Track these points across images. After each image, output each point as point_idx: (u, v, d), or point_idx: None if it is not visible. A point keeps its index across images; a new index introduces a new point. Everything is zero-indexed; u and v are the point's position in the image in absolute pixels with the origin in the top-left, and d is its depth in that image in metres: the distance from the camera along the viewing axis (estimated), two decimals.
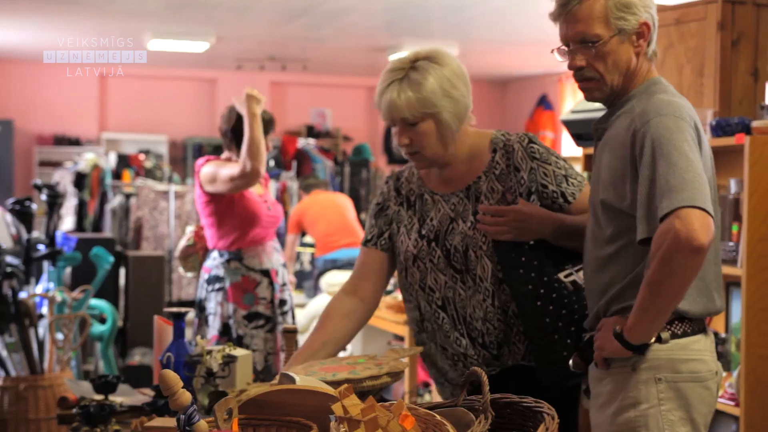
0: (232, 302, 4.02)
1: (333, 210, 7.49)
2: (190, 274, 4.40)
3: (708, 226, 1.89)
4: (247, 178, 3.87)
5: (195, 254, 4.27)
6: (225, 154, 4.13)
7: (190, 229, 4.35)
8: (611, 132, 2.14)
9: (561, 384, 2.29)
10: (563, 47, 2.19)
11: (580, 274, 2.33)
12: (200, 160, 4.08)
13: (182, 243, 4.32)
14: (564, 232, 2.33)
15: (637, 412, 2.06)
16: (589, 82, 2.17)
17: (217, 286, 4.05)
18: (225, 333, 4.01)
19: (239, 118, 4.02)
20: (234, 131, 4.05)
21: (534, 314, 2.28)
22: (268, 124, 4.09)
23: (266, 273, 4.08)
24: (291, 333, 2.63)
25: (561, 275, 2.32)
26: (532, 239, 2.32)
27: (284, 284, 4.17)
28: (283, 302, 4.13)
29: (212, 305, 4.05)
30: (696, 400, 2.07)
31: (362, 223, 9.27)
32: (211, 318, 4.06)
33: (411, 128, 2.32)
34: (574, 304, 2.28)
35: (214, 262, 4.07)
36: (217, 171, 3.95)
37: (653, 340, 2.04)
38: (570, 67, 2.19)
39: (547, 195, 2.35)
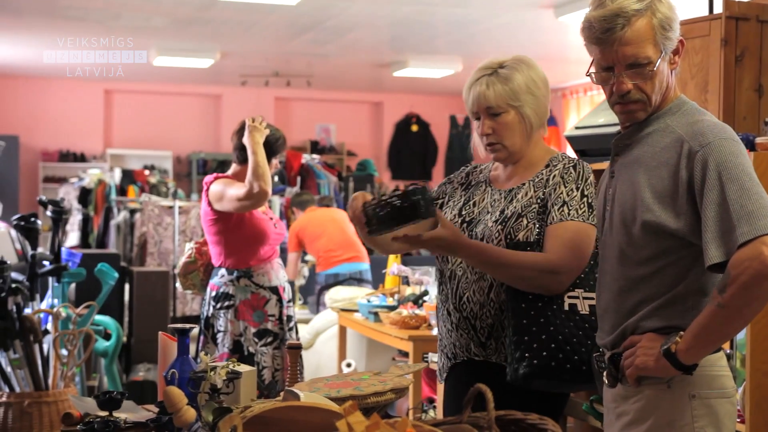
0: (243, 320, 4.02)
1: (333, 225, 7.48)
2: (188, 292, 4.39)
3: None
4: (255, 198, 3.89)
5: (196, 271, 4.25)
6: (233, 169, 4.13)
7: (190, 246, 4.33)
8: (642, 150, 2.11)
9: (517, 383, 2.35)
10: (594, 70, 2.13)
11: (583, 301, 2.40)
12: (209, 177, 4.09)
13: (182, 259, 4.31)
14: (476, 262, 2.42)
15: (673, 430, 2.05)
16: (635, 104, 2.11)
17: (226, 303, 4.04)
18: (236, 350, 4.00)
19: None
20: (243, 149, 4.07)
21: (517, 312, 2.38)
22: (281, 144, 4.13)
23: (275, 290, 4.08)
24: (295, 349, 2.63)
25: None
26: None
27: (290, 300, 4.17)
28: (289, 318, 4.13)
29: (221, 323, 4.04)
30: (725, 416, 2.07)
31: None
32: (220, 336, 4.05)
33: (494, 119, 2.51)
34: (556, 319, 2.37)
35: (222, 280, 4.06)
36: (224, 190, 3.95)
37: None
38: (617, 92, 2.10)
39: (544, 210, 2.47)
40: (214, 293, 4.08)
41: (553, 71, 11.27)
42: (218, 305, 4.06)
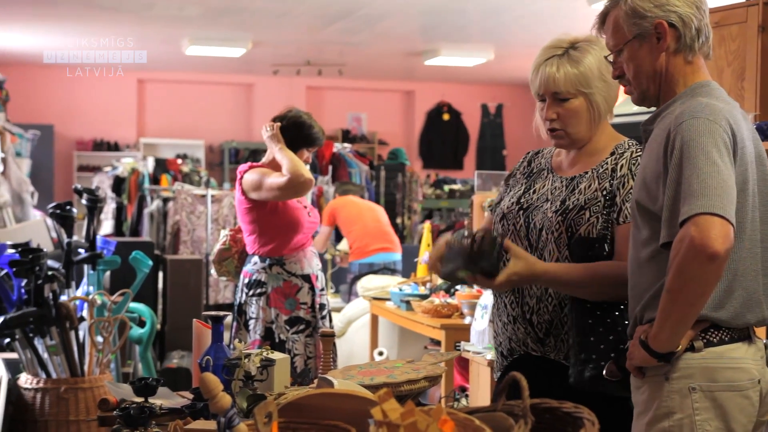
0: (274, 307, 4.04)
1: (370, 214, 7.50)
2: (223, 278, 4.42)
3: (726, 234, 1.87)
4: (299, 187, 3.92)
5: (230, 258, 4.28)
6: (267, 157, 4.15)
7: (225, 233, 4.36)
8: (654, 134, 2.14)
9: (582, 386, 2.26)
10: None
11: None
12: (243, 166, 4.11)
13: (217, 246, 4.34)
14: (552, 284, 2.32)
15: (671, 422, 2.03)
16: (626, 87, 2.22)
17: (258, 290, 4.06)
18: (268, 337, 4.03)
19: (296, 125, 4.09)
20: (287, 131, 4.10)
21: (581, 312, 2.28)
22: (316, 136, 4.15)
23: (307, 278, 4.10)
24: (328, 337, 2.64)
25: None
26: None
27: (322, 288, 4.19)
28: (322, 306, 4.15)
29: (254, 310, 4.07)
30: (734, 409, 2.02)
31: (397, 228, 9.26)
32: (252, 323, 4.08)
33: (560, 104, 2.37)
34: (625, 318, 2.26)
35: (255, 267, 4.09)
36: (262, 179, 3.96)
37: (684, 348, 2.02)
38: (612, 77, 2.26)
39: (612, 204, 2.33)
40: (247, 280, 4.11)
41: None
42: (251, 292, 4.09)
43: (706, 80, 2.16)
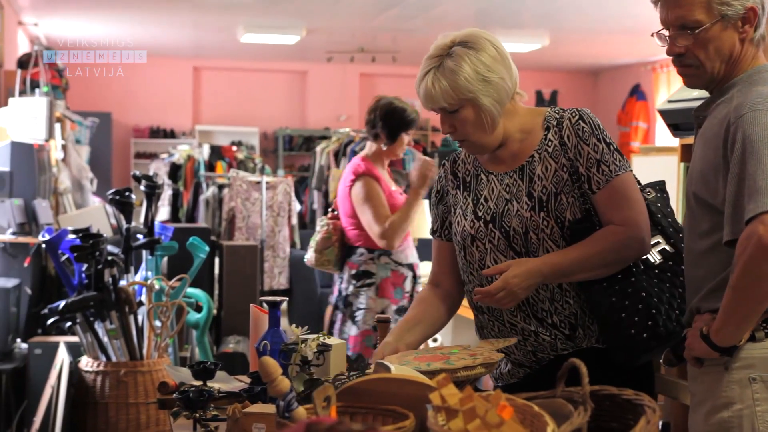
0: (386, 297, 4.09)
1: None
2: (321, 269, 4.35)
3: None
4: (385, 244, 4.05)
5: (332, 247, 4.25)
6: (368, 148, 4.20)
7: (324, 221, 4.31)
8: (709, 121, 2.09)
9: (630, 363, 2.24)
10: (662, 31, 2.13)
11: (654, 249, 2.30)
12: (358, 167, 4.14)
13: (319, 236, 4.27)
14: (560, 274, 2.24)
15: (730, 412, 2.00)
16: (688, 69, 2.11)
17: (367, 281, 4.12)
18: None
19: (388, 112, 4.16)
20: (383, 120, 4.16)
21: (599, 294, 2.25)
22: (412, 120, 4.20)
23: (411, 267, 4.18)
24: (385, 323, 2.65)
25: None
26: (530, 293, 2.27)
27: (420, 277, 4.23)
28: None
29: (362, 300, 4.12)
30: None
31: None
32: (360, 314, 4.11)
33: (452, 115, 2.30)
34: (642, 282, 2.23)
35: (361, 258, 4.13)
36: (363, 209, 4.06)
37: (745, 339, 1.99)
38: (668, 53, 2.12)
39: (577, 177, 2.28)
40: (354, 272, 4.14)
41: (642, 44, 11.02)
42: (359, 283, 4.13)
43: (764, 64, 2.10)
